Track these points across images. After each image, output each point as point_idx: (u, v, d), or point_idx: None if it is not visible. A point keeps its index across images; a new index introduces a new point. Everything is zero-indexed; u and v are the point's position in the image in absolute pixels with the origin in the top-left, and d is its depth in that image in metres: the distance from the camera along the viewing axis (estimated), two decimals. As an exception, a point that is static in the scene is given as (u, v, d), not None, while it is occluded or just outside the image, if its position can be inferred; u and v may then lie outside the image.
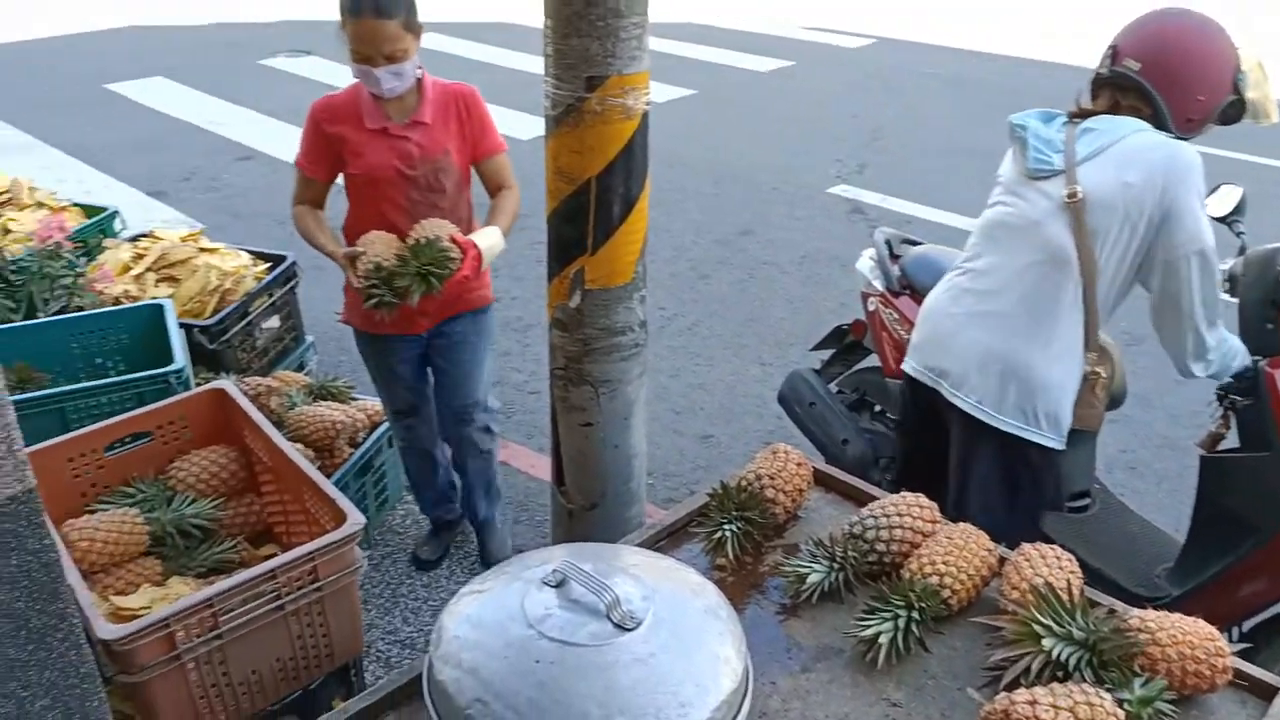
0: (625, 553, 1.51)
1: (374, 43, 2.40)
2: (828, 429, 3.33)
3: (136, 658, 1.63)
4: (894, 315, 3.14)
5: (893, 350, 3.17)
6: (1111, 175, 2.17)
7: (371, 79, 2.46)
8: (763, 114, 8.19)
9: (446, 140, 2.61)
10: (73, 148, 6.97)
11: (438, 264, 2.37)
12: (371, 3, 2.38)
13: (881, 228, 3.45)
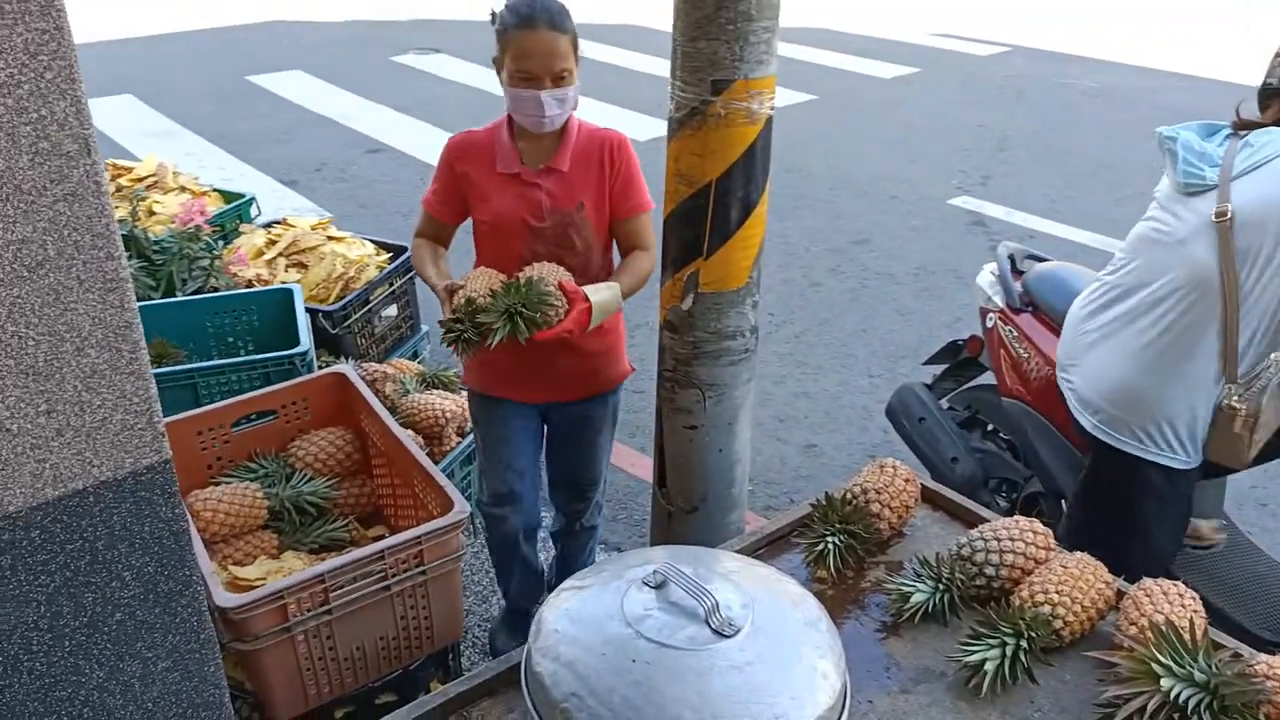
0: (725, 558, 1.50)
1: (545, 59, 2.11)
2: (936, 446, 3.24)
3: (251, 626, 1.70)
4: (1013, 332, 3.02)
5: (1010, 369, 3.06)
6: (1265, 192, 2.05)
7: (534, 105, 2.14)
8: (884, 121, 8.04)
9: (583, 192, 2.30)
10: (214, 135, 7.34)
11: (529, 306, 2.05)
12: (545, 12, 2.11)
13: (1006, 242, 3.32)
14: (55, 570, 1.26)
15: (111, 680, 1.36)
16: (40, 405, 1.19)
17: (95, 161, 1.15)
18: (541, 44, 2.11)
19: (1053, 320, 2.91)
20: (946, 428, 3.24)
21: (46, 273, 1.15)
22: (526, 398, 2.44)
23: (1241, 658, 1.46)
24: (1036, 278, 3.05)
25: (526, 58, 2.11)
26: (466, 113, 7.99)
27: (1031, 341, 2.94)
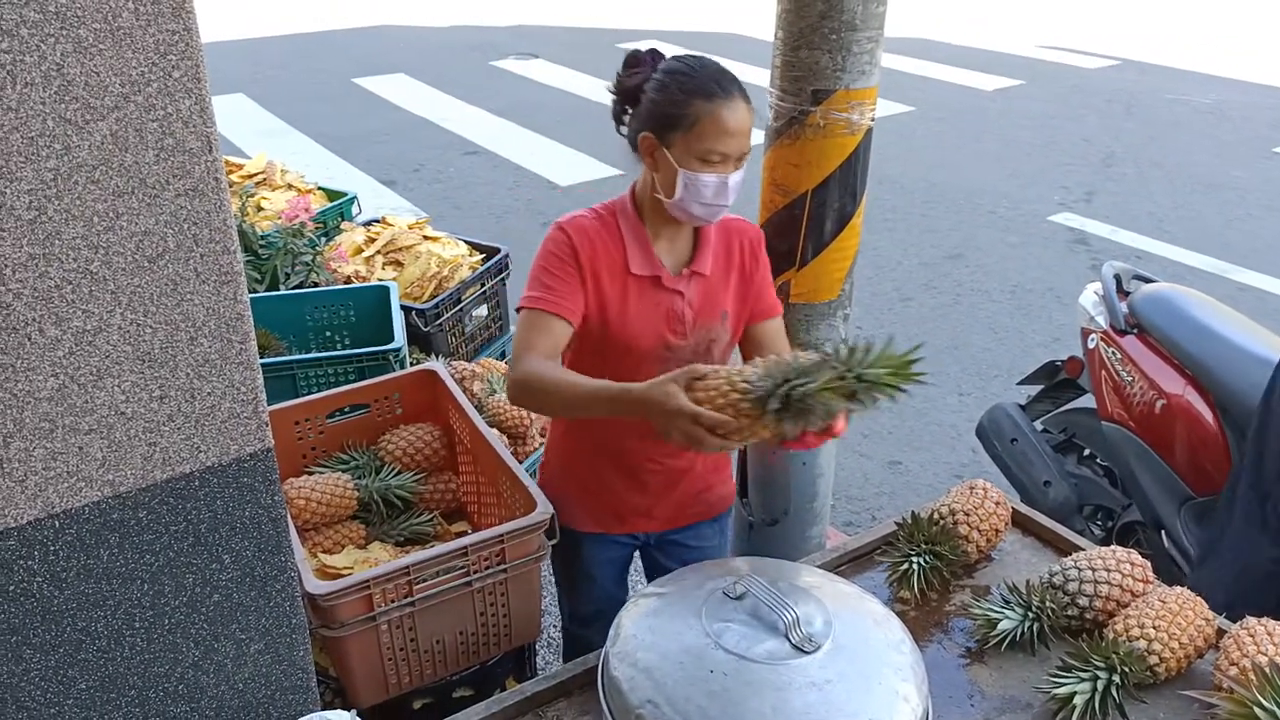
0: (806, 572, 1.48)
1: (743, 138, 1.73)
2: (1029, 468, 3.13)
3: (338, 614, 1.75)
4: (1117, 355, 2.92)
5: (1111, 392, 2.95)
6: None
7: (719, 192, 1.74)
8: (984, 134, 7.86)
9: (725, 299, 1.90)
10: (319, 135, 7.58)
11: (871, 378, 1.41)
12: (736, 81, 1.74)
13: (1112, 261, 3.21)
14: (160, 550, 1.31)
15: (206, 659, 1.41)
16: (154, 391, 1.24)
17: (216, 158, 1.20)
18: (742, 119, 1.71)
19: (1160, 344, 2.82)
20: (1040, 450, 3.14)
21: (166, 264, 1.20)
22: (625, 529, 2.07)
23: (1354, 709, 1.38)
24: (1144, 299, 2.93)
25: (725, 136, 1.70)
26: (562, 117, 8.09)
27: (1137, 365, 2.84)
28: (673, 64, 1.76)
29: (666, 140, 1.74)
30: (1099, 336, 2.99)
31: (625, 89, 1.82)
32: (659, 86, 1.74)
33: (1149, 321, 2.85)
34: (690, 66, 1.74)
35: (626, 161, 1.93)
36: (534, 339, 1.74)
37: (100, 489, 1.24)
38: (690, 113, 1.69)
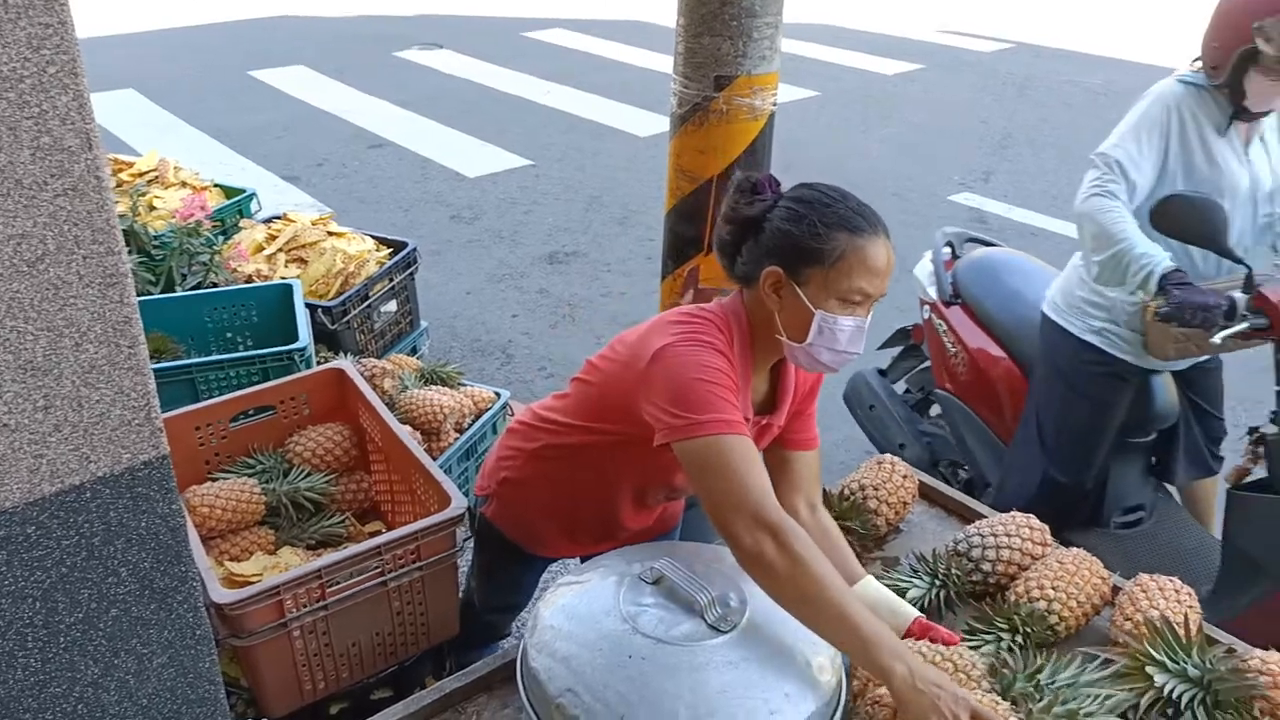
0: (724, 554, 1.50)
1: (885, 276, 1.55)
2: (886, 432, 3.28)
3: (247, 622, 1.70)
4: (943, 326, 3.04)
5: (940, 364, 3.08)
6: None
7: (854, 338, 1.57)
8: (886, 118, 8.03)
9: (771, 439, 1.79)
10: (216, 130, 7.33)
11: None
12: (878, 216, 1.58)
13: (946, 227, 3.30)
14: (51, 566, 1.26)
15: (106, 677, 1.36)
16: (38, 401, 1.19)
17: (97, 156, 1.15)
18: (888, 258, 1.54)
19: (976, 313, 2.93)
20: (895, 414, 3.27)
21: (46, 267, 1.15)
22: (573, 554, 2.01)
23: (1235, 653, 1.46)
24: (964, 270, 3.04)
25: (871, 275, 1.52)
26: (468, 107, 7.99)
27: (958, 335, 2.96)
28: (808, 193, 1.58)
29: (800, 277, 1.53)
30: (929, 308, 3.10)
31: (745, 218, 1.59)
32: (794, 217, 1.54)
33: (967, 292, 2.97)
34: (831, 197, 1.56)
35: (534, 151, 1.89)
36: (759, 474, 1.44)
37: (-17, 505, 1.18)
38: (833, 247, 1.50)
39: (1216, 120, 2.32)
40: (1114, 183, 2.30)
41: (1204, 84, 2.31)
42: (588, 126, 7.62)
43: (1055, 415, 2.61)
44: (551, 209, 6.08)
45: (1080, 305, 2.53)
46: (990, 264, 3.03)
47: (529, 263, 5.37)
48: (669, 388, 1.49)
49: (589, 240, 5.66)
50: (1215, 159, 2.33)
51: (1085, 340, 2.52)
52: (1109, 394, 2.55)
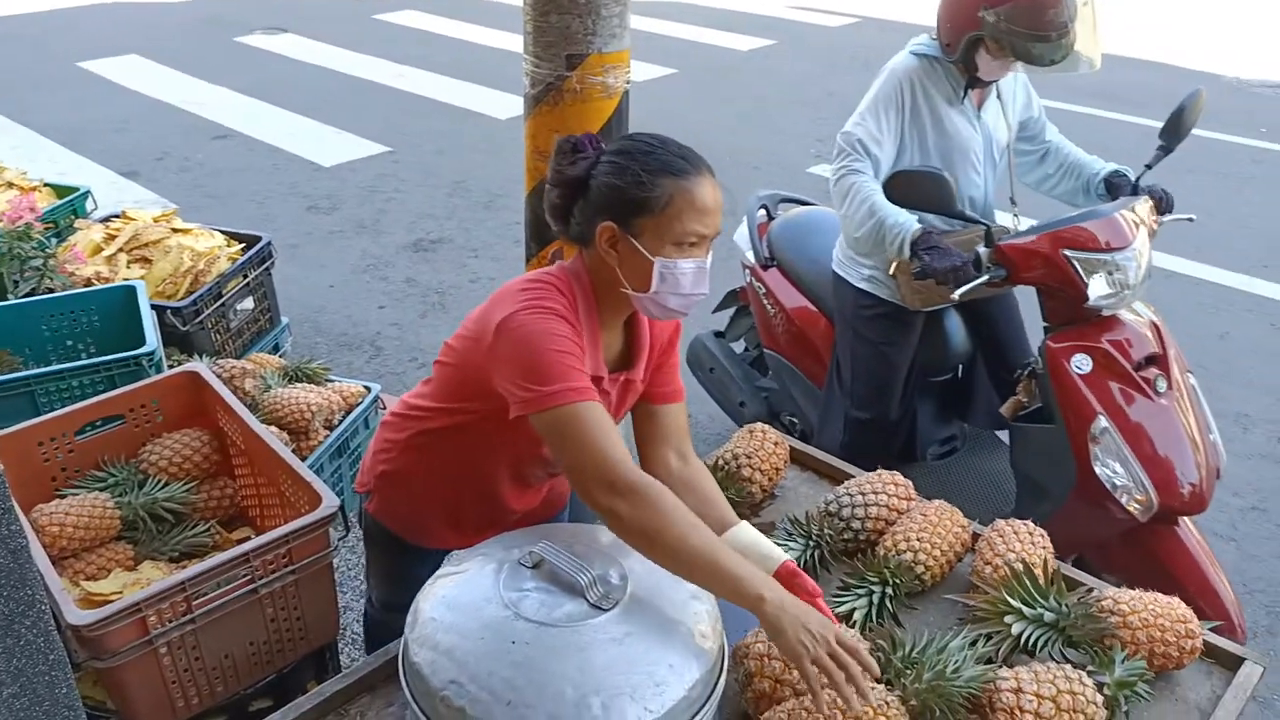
0: (601, 533, 1.51)
1: (717, 213, 1.55)
2: (726, 392, 3.42)
3: (108, 643, 1.61)
4: (762, 289, 3.18)
5: (764, 325, 3.23)
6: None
7: (697, 280, 1.56)
8: (743, 93, 8.16)
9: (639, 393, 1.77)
10: (44, 127, 6.86)
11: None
12: (700, 156, 1.58)
13: (759, 191, 3.44)
14: (-124, 601, 1.16)
15: (-49, 713, 1.26)
16: None
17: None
18: (716, 194, 1.54)
19: (788, 274, 3.10)
20: (733, 373, 3.41)
21: None
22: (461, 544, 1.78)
23: (1093, 592, 1.56)
24: (778, 231, 3.19)
25: (703, 214, 1.52)
26: (319, 94, 7.72)
27: (775, 297, 3.12)
28: (628, 144, 1.57)
29: (633, 228, 1.52)
30: (749, 272, 3.24)
31: (571, 179, 1.57)
32: (617, 170, 1.52)
33: (780, 253, 3.12)
34: (651, 144, 1.55)
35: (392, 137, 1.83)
36: (612, 439, 1.45)
37: None
38: (660, 194, 1.50)
39: (948, 91, 2.49)
40: (859, 160, 2.45)
41: (937, 55, 2.47)
42: (445, 110, 7.47)
43: (849, 359, 2.81)
44: (413, 196, 5.94)
45: (854, 257, 2.71)
46: (798, 225, 3.18)
47: (394, 252, 5.25)
48: (516, 360, 1.49)
49: (454, 226, 5.56)
50: (947, 128, 2.50)
51: (860, 288, 2.72)
52: (890, 335, 2.73)
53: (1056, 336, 2.38)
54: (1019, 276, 2.33)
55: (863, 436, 2.82)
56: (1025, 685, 1.33)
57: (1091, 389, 2.30)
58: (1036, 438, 2.49)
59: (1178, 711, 1.45)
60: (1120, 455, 2.26)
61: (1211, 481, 2.30)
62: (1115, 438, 2.27)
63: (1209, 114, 2.72)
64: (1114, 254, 2.26)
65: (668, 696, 1.24)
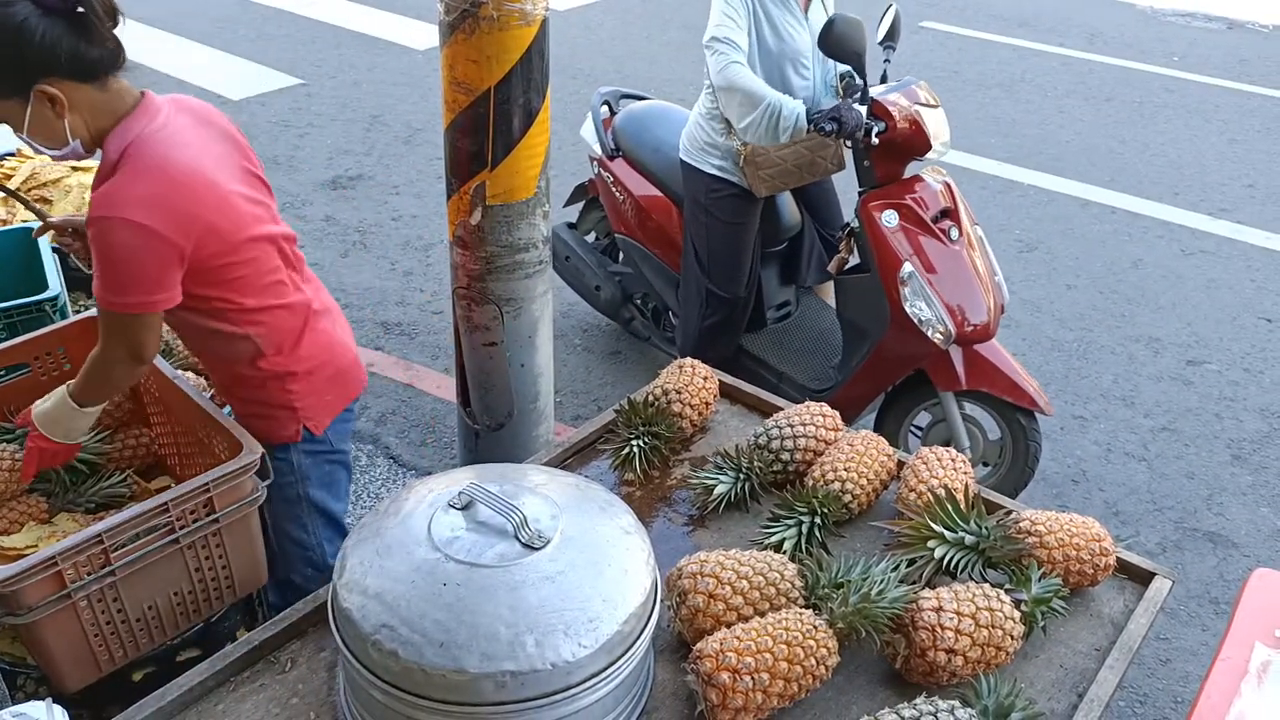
0: (533, 472, 1.50)
1: None
2: (581, 278, 3.75)
3: (23, 598, 1.56)
4: (610, 178, 3.50)
5: (614, 212, 3.54)
6: None
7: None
8: (668, 23, 8.02)
9: None
10: (-75, 59, 6.44)
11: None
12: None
13: (601, 88, 3.69)
14: None
15: None
16: None
17: None
18: None
19: (634, 163, 3.42)
20: (587, 260, 3.73)
21: None
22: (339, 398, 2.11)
23: (1012, 514, 1.60)
24: (622, 123, 3.51)
25: None
26: (221, 22, 7.37)
27: (623, 184, 3.44)
28: None
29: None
30: (597, 163, 3.56)
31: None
32: None
33: (625, 144, 3.46)
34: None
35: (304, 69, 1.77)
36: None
37: None
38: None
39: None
40: (737, 57, 2.72)
41: None
42: (359, 40, 7.21)
43: (705, 240, 3.12)
44: (329, 131, 5.75)
45: (704, 148, 3.03)
46: (640, 117, 3.49)
47: (310, 189, 5.09)
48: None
49: (373, 162, 5.41)
50: (781, 31, 2.80)
51: (712, 175, 3.02)
52: (741, 214, 3.06)
53: (869, 197, 2.80)
54: (893, 129, 2.68)
55: (723, 311, 3.15)
56: (946, 604, 1.37)
57: (898, 240, 2.75)
58: (856, 286, 2.92)
59: (1093, 625, 1.51)
60: (924, 295, 2.71)
61: (997, 316, 2.79)
62: (920, 280, 2.71)
63: (1123, 43, 2.86)
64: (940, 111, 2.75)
65: (602, 630, 1.25)
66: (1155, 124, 6.19)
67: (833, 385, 3.06)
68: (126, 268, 1.66)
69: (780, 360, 3.25)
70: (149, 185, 1.63)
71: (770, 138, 2.75)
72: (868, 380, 2.97)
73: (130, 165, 1.64)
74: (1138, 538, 3.07)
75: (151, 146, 1.66)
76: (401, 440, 3.40)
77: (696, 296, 3.19)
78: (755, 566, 1.44)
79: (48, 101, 1.60)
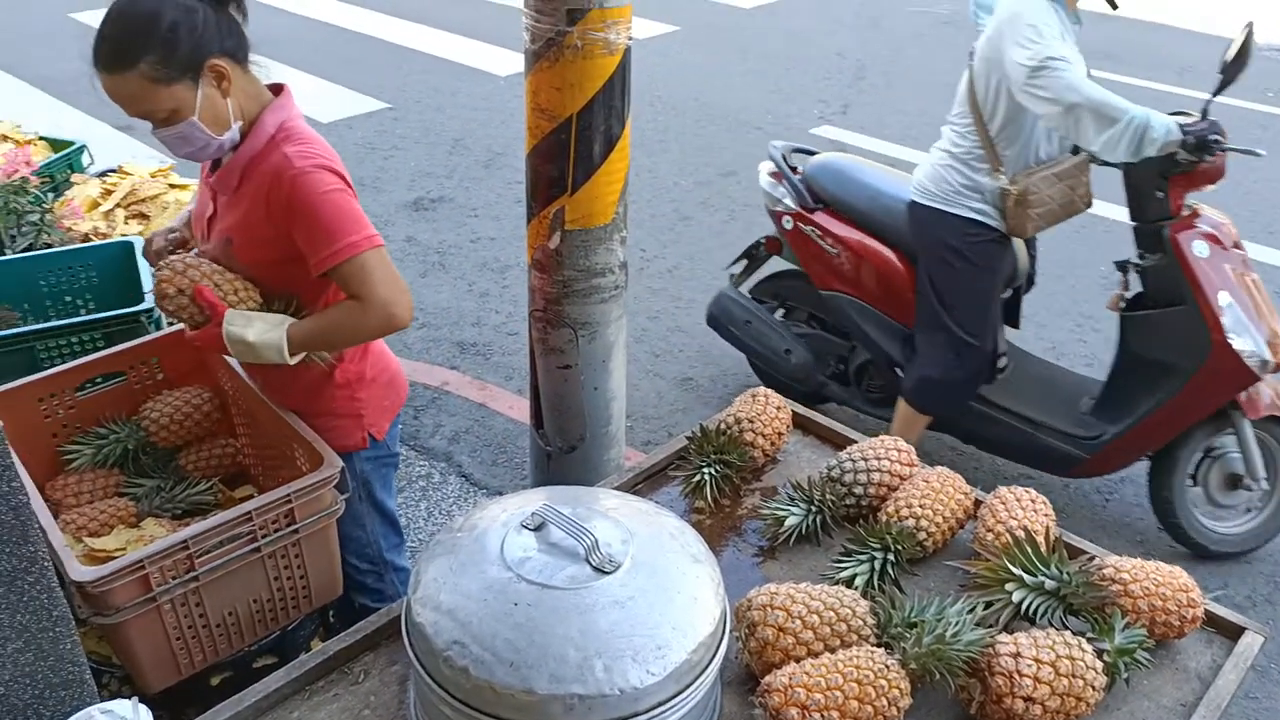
0: (604, 496, 1.50)
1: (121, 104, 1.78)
2: (768, 343, 3.54)
3: (111, 599, 1.62)
4: (815, 231, 3.33)
5: (819, 265, 3.37)
6: (988, 35, 2.80)
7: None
8: (747, 52, 8.06)
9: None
10: (39, 79, 6.78)
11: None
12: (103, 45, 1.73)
13: (774, 142, 3.57)
14: (-121, 557, 1.16)
15: (-44, 668, 1.27)
16: None
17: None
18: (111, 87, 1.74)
19: (842, 212, 3.30)
20: (771, 324, 3.56)
21: None
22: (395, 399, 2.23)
23: (1093, 559, 1.56)
24: (818, 174, 3.37)
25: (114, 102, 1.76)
26: (317, 48, 7.62)
27: (836, 236, 3.29)
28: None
29: None
30: (793, 218, 3.39)
31: None
32: None
33: (828, 195, 3.33)
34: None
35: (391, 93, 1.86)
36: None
37: None
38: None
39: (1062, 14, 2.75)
40: (1082, 71, 2.66)
41: None
42: (444, 66, 7.39)
43: (956, 287, 3.02)
44: (413, 153, 5.89)
45: (960, 191, 2.95)
46: (839, 167, 3.37)
47: (393, 210, 5.21)
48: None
49: (454, 185, 5.52)
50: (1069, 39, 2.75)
51: (969, 218, 2.94)
52: (995, 258, 2.99)
53: (1176, 227, 2.76)
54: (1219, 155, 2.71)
55: (974, 361, 3.05)
56: (1024, 650, 1.33)
57: (1212, 270, 2.72)
58: (1164, 321, 2.84)
59: (1178, 679, 1.45)
60: (1243, 325, 2.70)
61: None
62: (1238, 310, 2.70)
63: (1215, 78, 2.82)
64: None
65: (670, 659, 1.24)
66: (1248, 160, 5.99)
67: (1116, 429, 2.96)
68: (345, 207, 1.77)
69: (1035, 409, 3.14)
70: (325, 149, 1.80)
71: (1132, 152, 2.65)
72: (1170, 419, 2.87)
73: (296, 137, 1.79)
74: (1226, 590, 2.95)
75: (306, 130, 1.83)
76: (474, 459, 3.44)
77: (944, 348, 3.06)
78: (826, 601, 1.42)
79: (215, 79, 1.72)
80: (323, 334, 1.85)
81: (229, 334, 1.77)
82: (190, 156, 1.82)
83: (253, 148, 1.80)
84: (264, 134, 1.79)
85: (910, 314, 3.19)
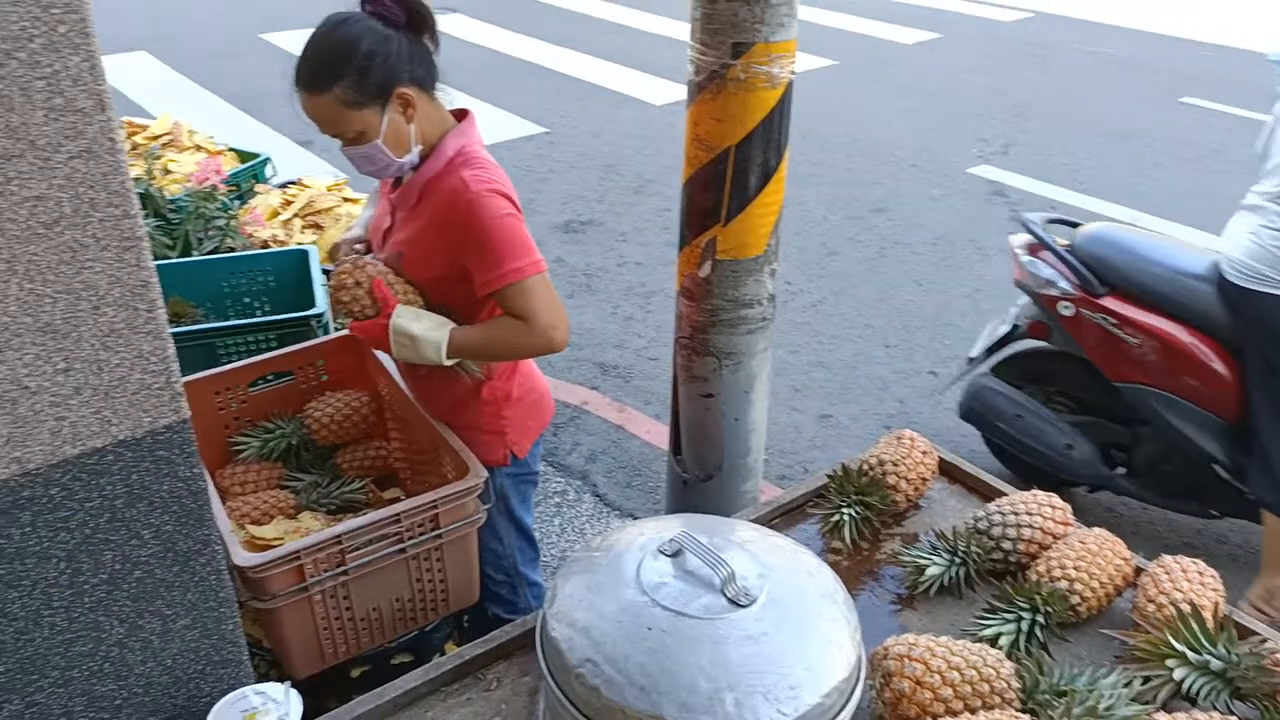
0: (740, 527, 1.49)
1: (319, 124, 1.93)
2: (1045, 438, 3.19)
3: (269, 585, 1.71)
4: (1111, 320, 2.97)
5: (1114, 354, 3.00)
6: None
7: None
8: (905, 88, 7.94)
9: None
10: (230, 94, 7.30)
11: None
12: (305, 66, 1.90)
13: (1027, 214, 3.25)
14: (75, 527, 1.26)
15: (131, 636, 1.37)
16: (58, 363, 1.19)
17: (110, 118, 1.14)
18: (310, 107, 1.89)
19: (1140, 295, 2.92)
20: (1046, 417, 3.20)
21: (62, 230, 1.14)
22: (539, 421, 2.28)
23: (1266, 641, 1.45)
24: (1103, 252, 3.00)
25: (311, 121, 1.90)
26: (482, 73, 7.93)
27: (1136, 325, 2.92)
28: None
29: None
30: (1074, 304, 3.02)
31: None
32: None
33: (1117, 275, 2.95)
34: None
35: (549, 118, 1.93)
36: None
37: (8, 466, 1.18)
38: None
39: None
40: None
41: None
42: (601, 93, 7.56)
43: None
44: (566, 178, 6.04)
45: None
46: (1121, 244, 3.02)
47: (545, 231, 5.35)
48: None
49: (605, 209, 5.63)
50: None
51: None
52: None
53: None
54: None
55: None
56: (1185, 732, 1.25)
57: None
58: None
59: (1356, 779, 1.33)
60: None
61: None
62: None
63: None
64: None
65: (802, 701, 1.22)
66: None
67: None
68: (516, 232, 1.87)
69: None
70: (500, 175, 1.88)
71: None
72: None
73: (474, 161, 1.87)
74: None
75: (484, 155, 1.91)
76: (608, 480, 3.48)
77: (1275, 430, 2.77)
78: (968, 659, 1.36)
79: (401, 106, 1.83)
80: (484, 344, 1.93)
81: (396, 326, 1.86)
82: (372, 174, 1.93)
83: (432, 169, 1.89)
84: (444, 157, 1.88)
85: (1230, 406, 2.89)
